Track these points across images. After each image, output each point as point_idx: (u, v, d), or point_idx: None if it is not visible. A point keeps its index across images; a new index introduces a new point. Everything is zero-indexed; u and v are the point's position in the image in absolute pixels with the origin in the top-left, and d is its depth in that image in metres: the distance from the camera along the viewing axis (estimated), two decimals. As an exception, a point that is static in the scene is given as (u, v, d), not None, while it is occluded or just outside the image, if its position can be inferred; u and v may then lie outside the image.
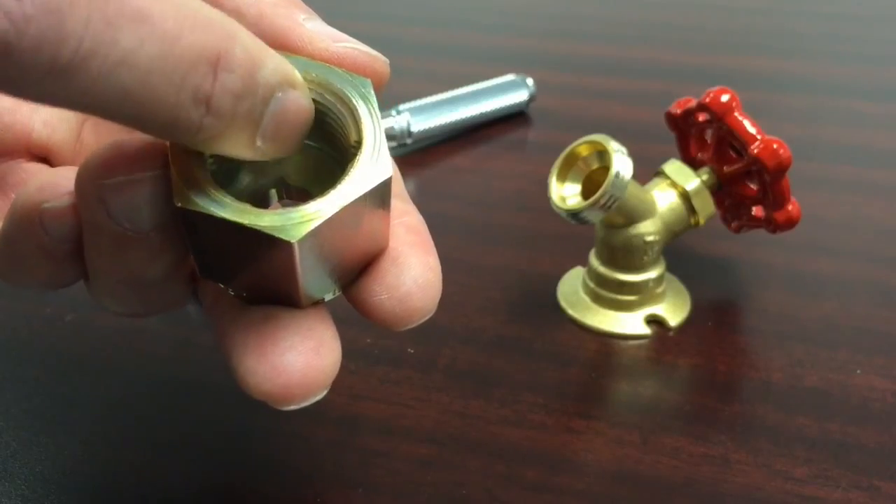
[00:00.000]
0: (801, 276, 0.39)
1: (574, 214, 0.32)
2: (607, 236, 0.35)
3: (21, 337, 0.35)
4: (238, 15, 0.18)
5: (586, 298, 0.37)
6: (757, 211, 0.37)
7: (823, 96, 0.58)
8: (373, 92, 0.19)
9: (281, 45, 0.19)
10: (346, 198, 0.17)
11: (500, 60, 0.63)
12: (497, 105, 0.54)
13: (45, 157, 0.23)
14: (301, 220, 0.16)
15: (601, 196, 0.31)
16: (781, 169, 0.33)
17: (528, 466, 0.29)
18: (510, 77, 0.55)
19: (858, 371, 0.33)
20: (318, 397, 0.18)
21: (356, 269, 0.19)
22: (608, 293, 0.36)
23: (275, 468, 0.29)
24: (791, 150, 0.33)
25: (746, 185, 0.36)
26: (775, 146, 0.33)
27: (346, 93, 0.18)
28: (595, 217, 0.32)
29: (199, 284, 0.21)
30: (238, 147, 0.16)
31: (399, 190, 0.21)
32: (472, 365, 0.33)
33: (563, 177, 0.33)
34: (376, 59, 0.20)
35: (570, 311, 0.36)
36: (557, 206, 0.33)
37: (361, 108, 0.18)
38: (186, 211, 0.16)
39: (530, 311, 0.37)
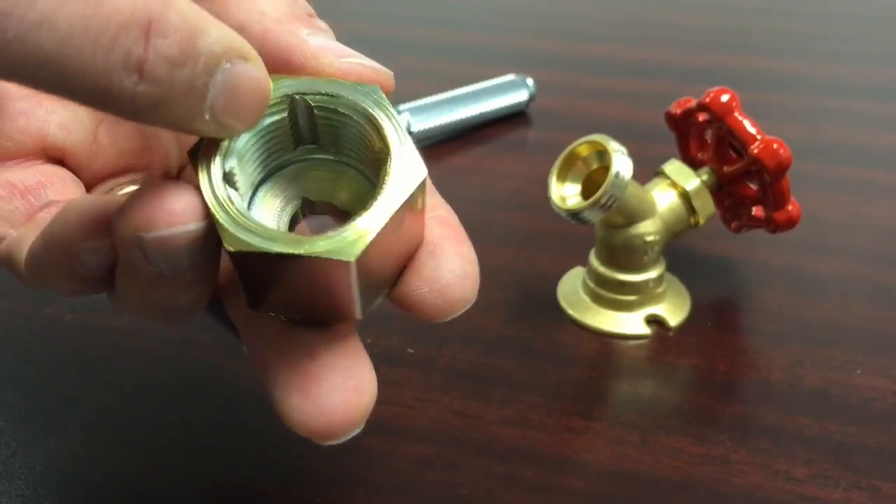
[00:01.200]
0: (801, 276, 0.39)
1: (574, 214, 0.32)
2: (607, 236, 0.35)
3: (21, 337, 0.35)
4: (242, 31, 0.18)
5: (586, 298, 0.37)
6: (757, 211, 0.37)
7: (823, 96, 0.58)
8: (384, 97, 0.19)
9: (286, 61, 0.19)
10: (391, 208, 0.17)
11: (500, 60, 0.63)
12: (497, 105, 0.54)
13: (61, 159, 0.23)
14: (355, 238, 0.16)
15: (601, 196, 0.31)
16: (781, 169, 0.33)
17: (528, 466, 0.29)
18: (510, 77, 0.55)
19: (858, 371, 0.33)
20: (357, 432, 0.18)
21: (400, 270, 0.19)
22: (608, 293, 0.36)
23: (275, 468, 0.29)
24: (791, 150, 0.33)
25: (746, 185, 0.36)
26: (775, 146, 0.33)
27: (360, 103, 0.18)
28: (595, 217, 0.32)
29: (225, 300, 0.21)
30: (183, 120, 0.15)
31: (427, 184, 0.21)
32: (472, 365, 0.33)
33: (563, 177, 0.33)
34: (380, 72, 0.20)
35: (570, 311, 0.36)
36: (557, 206, 0.33)
37: (379, 115, 0.18)
38: (239, 253, 0.16)
39: (530, 311, 0.37)
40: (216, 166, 0.17)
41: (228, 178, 0.18)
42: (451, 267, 0.19)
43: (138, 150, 0.24)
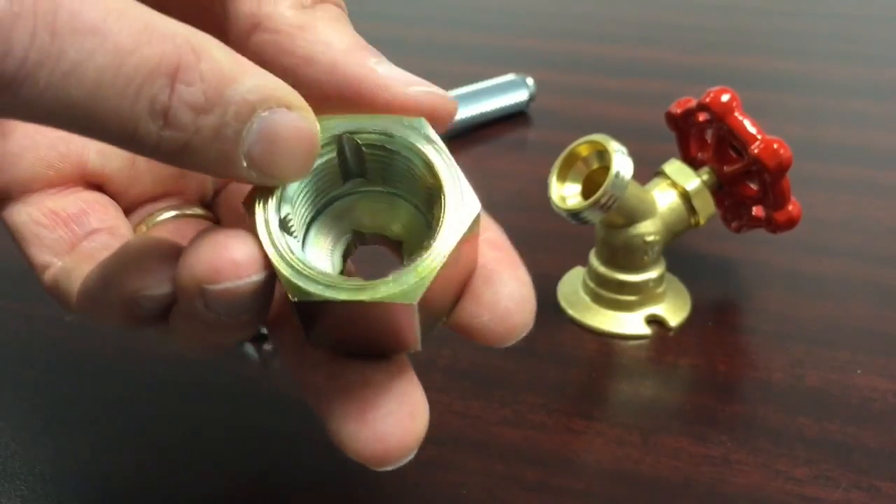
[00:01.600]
0: (801, 276, 0.39)
1: (574, 214, 0.32)
2: (607, 236, 0.35)
3: (21, 337, 0.35)
4: (311, 63, 0.18)
5: (586, 298, 0.37)
6: (757, 211, 0.37)
7: (823, 96, 0.58)
8: (432, 130, 0.19)
9: (356, 91, 0.19)
10: (449, 245, 0.17)
11: (500, 60, 0.63)
12: (497, 105, 0.54)
13: (101, 185, 0.23)
14: (417, 281, 0.17)
15: (601, 196, 0.31)
16: (782, 169, 0.33)
17: (528, 466, 0.29)
18: (510, 77, 0.55)
19: (858, 371, 0.33)
20: (410, 459, 0.18)
21: (457, 298, 0.19)
22: (608, 293, 0.36)
23: (275, 468, 0.29)
24: (791, 150, 0.33)
25: (746, 185, 0.36)
26: (775, 146, 0.33)
27: (409, 138, 0.19)
28: (595, 217, 0.32)
29: (273, 330, 0.21)
30: (217, 165, 0.15)
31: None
32: (472, 365, 0.33)
33: (563, 177, 0.33)
34: (447, 99, 0.20)
35: (570, 311, 0.36)
36: (557, 206, 0.33)
37: (429, 151, 0.18)
38: (303, 303, 0.17)
39: (530, 311, 0.37)
40: (272, 214, 0.17)
41: (284, 225, 0.18)
42: (508, 292, 0.19)
43: (176, 175, 0.24)
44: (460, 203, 0.18)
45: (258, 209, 0.17)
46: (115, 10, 0.13)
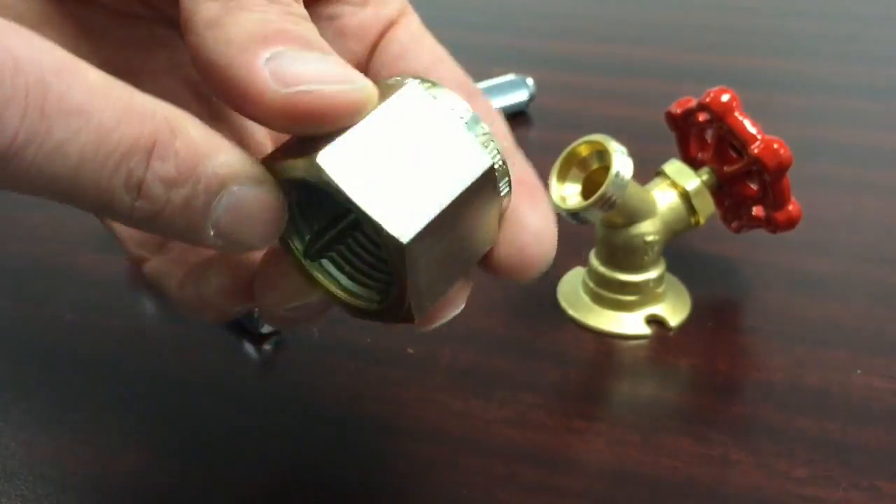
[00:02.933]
0: (802, 276, 0.39)
1: (574, 214, 0.32)
2: (607, 236, 0.35)
3: (21, 337, 0.35)
4: (210, 70, 0.16)
5: (586, 298, 0.37)
6: (757, 211, 0.37)
7: (823, 96, 0.58)
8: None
9: (241, 105, 0.16)
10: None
11: (500, 60, 0.63)
12: (497, 105, 0.53)
13: None
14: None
15: (601, 196, 0.31)
16: (781, 169, 0.33)
17: (528, 466, 0.29)
18: (510, 77, 0.55)
19: (858, 371, 0.33)
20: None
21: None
22: (608, 293, 0.36)
23: (274, 468, 0.29)
24: (791, 150, 0.33)
25: (746, 185, 0.36)
26: (775, 146, 0.33)
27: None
28: (595, 217, 0.32)
29: None
30: (185, 232, 0.16)
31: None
32: (472, 365, 0.33)
33: (563, 177, 0.33)
34: (341, 94, 0.17)
35: (570, 311, 0.36)
36: (557, 206, 0.33)
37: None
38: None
39: (530, 311, 0.37)
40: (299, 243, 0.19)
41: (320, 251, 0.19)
42: (526, 226, 0.19)
43: None
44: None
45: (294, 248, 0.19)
46: (100, 92, 0.14)
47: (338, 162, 0.16)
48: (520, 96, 0.54)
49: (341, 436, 0.30)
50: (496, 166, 0.17)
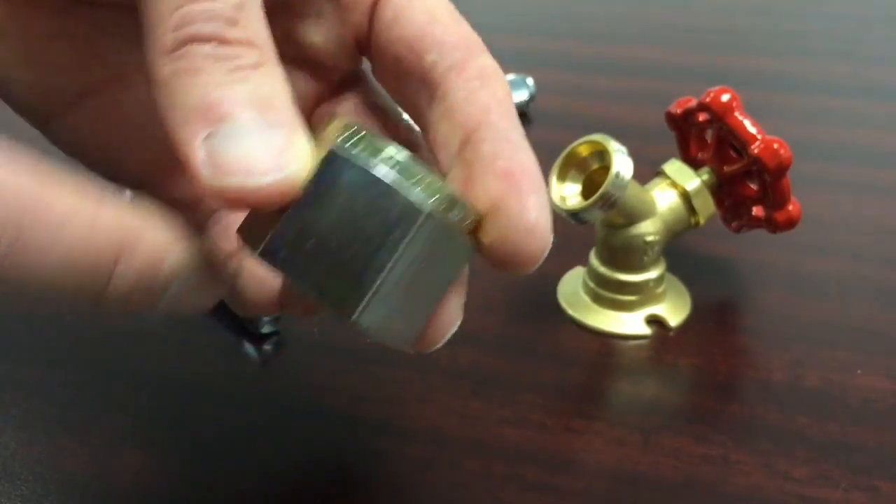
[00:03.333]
0: (801, 276, 0.39)
1: (574, 214, 0.32)
2: (607, 236, 0.35)
3: (21, 337, 0.35)
4: (157, 140, 0.18)
5: (586, 298, 0.37)
6: (757, 211, 0.37)
7: (824, 96, 0.58)
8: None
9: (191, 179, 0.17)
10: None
11: (500, 60, 0.63)
12: (497, 105, 0.53)
13: None
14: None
15: (601, 196, 0.31)
16: (782, 169, 0.33)
17: (528, 466, 0.29)
18: (510, 77, 0.55)
19: (859, 371, 0.33)
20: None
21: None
22: (608, 293, 0.36)
23: (274, 468, 0.29)
24: (791, 150, 0.33)
25: (746, 185, 0.36)
26: (775, 146, 0.33)
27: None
28: (595, 217, 0.32)
29: None
30: (139, 309, 0.18)
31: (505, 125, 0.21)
32: (472, 365, 0.33)
33: (563, 177, 0.33)
34: (274, 187, 0.17)
35: (570, 311, 0.36)
36: (557, 206, 0.33)
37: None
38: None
39: (530, 311, 0.37)
40: None
41: None
42: (514, 223, 0.19)
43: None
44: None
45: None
46: (68, 214, 0.16)
47: (280, 251, 0.17)
48: (520, 96, 0.54)
49: (341, 436, 0.30)
50: (432, 212, 0.17)
